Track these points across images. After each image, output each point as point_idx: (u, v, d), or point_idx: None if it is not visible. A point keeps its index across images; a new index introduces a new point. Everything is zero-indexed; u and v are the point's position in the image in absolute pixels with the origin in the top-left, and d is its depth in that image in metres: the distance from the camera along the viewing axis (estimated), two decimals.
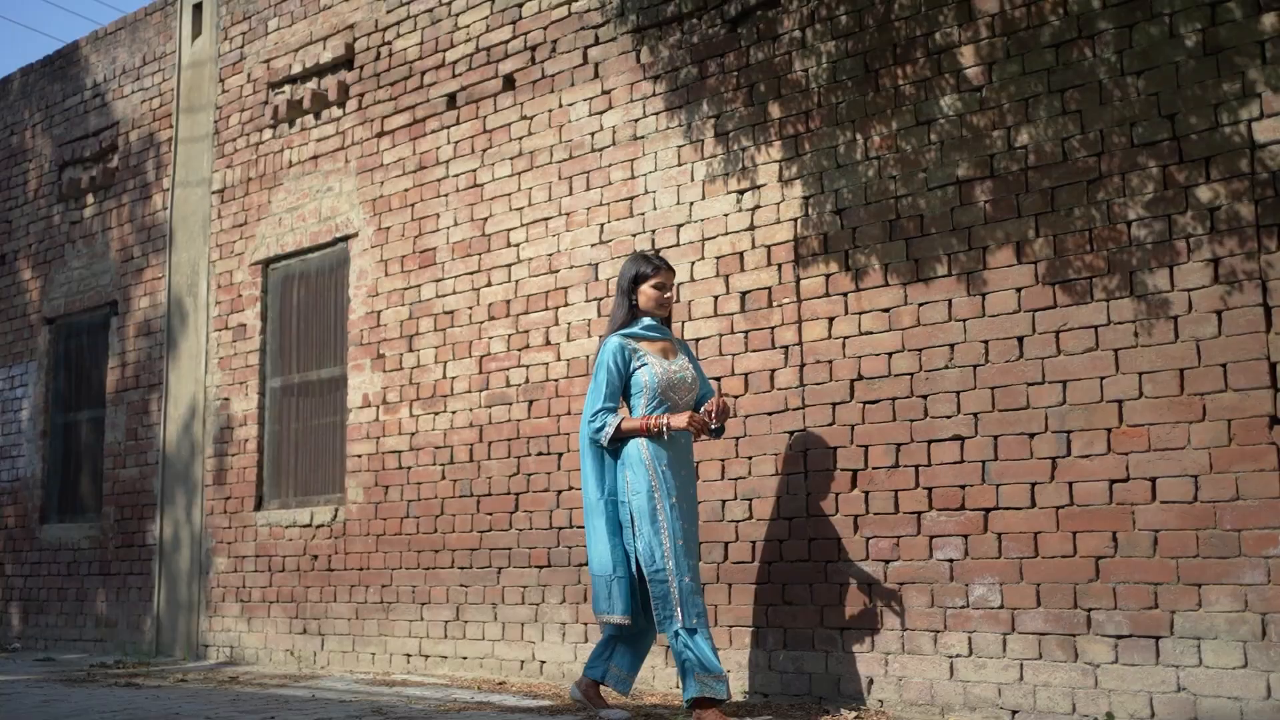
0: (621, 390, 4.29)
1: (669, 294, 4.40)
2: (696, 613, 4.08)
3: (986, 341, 4.38)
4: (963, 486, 4.37)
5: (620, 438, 4.20)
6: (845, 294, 4.76)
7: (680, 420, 4.15)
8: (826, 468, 4.73)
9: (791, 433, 4.85)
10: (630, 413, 4.31)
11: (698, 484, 4.83)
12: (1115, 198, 4.14)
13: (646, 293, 4.37)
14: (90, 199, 8.48)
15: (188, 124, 7.85)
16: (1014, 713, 4.17)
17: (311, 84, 7.04)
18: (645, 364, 4.27)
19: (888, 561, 4.53)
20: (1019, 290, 4.32)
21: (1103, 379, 4.11)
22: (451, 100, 6.31)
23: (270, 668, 6.60)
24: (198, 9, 7.96)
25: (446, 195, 6.26)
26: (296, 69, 7.09)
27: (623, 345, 4.29)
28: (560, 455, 5.59)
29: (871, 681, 4.51)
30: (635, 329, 4.34)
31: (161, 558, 7.48)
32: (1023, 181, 4.36)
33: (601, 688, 4.40)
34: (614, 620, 4.21)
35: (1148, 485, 3.98)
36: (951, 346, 4.46)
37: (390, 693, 5.20)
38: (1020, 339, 4.30)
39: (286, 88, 7.20)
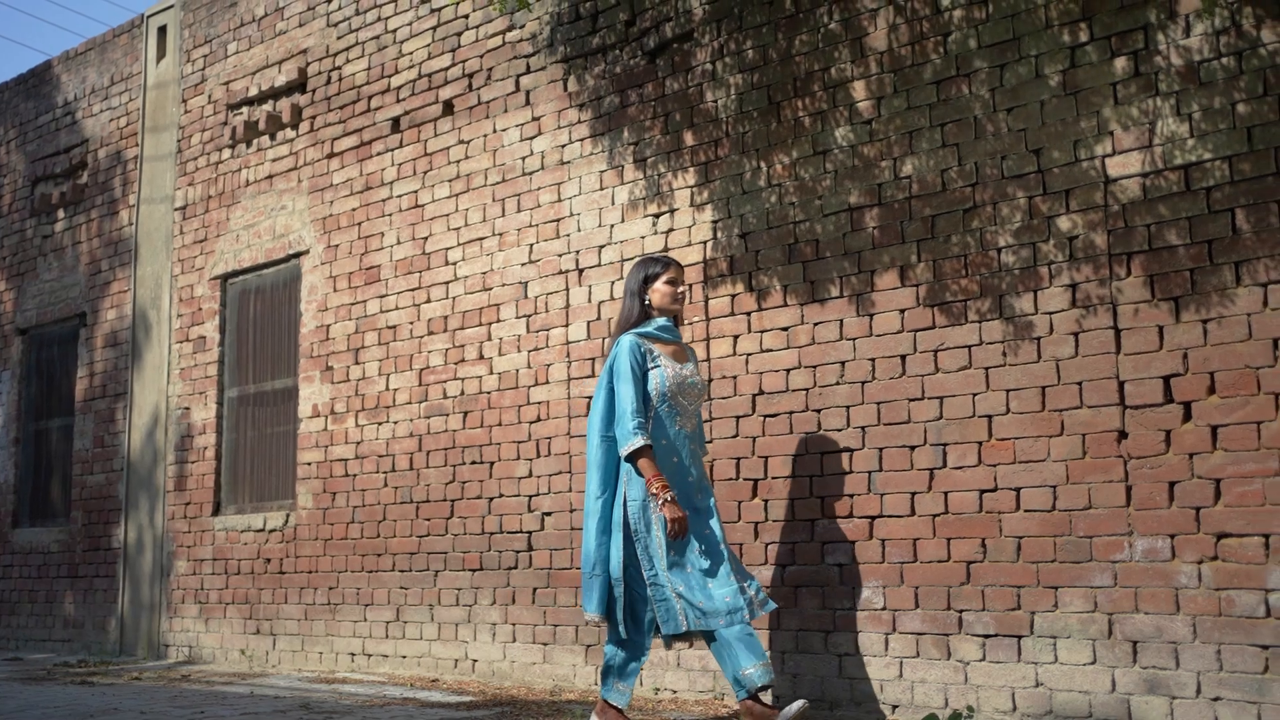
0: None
1: (682, 288, 4.35)
2: (700, 620, 4.01)
3: (873, 359, 4.67)
4: (851, 495, 4.66)
5: (632, 459, 4.09)
6: (749, 313, 5.05)
7: (669, 514, 4.00)
8: (731, 477, 5.02)
9: None
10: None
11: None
12: (987, 226, 4.43)
13: (660, 290, 4.32)
14: (61, 214, 8.78)
15: (152, 143, 8.15)
16: (894, 707, 4.46)
17: (267, 106, 7.33)
18: (658, 365, 4.21)
19: (784, 566, 4.82)
20: (902, 312, 4.61)
21: (975, 395, 4.40)
22: (396, 124, 6.60)
23: (225, 666, 6.89)
24: (162, 32, 8.25)
25: (390, 215, 6.55)
26: (253, 91, 7.38)
27: (638, 344, 4.22)
28: (491, 464, 5.88)
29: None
30: (649, 329, 4.29)
31: (125, 561, 7.78)
32: (907, 209, 4.65)
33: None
34: (588, 617, 4.18)
35: (1013, 495, 4.27)
36: (842, 364, 4.75)
37: (327, 690, 5.50)
38: (903, 357, 4.59)
39: (244, 109, 7.49)
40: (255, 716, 4.48)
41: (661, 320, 4.32)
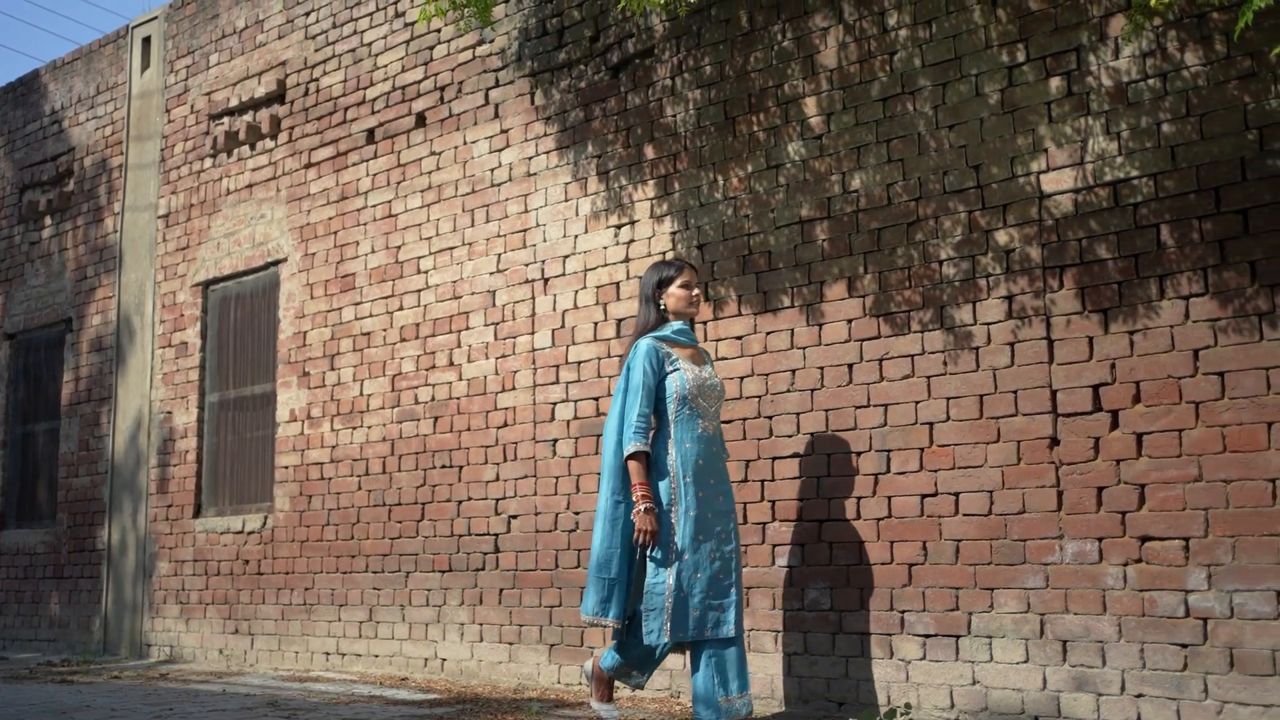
0: (655, 396, 4.22)
1: (697, 291, 4.36)
2: (696, 629, 4.04)
3: (822, 368, 4.82)
4: (800, 500, 4.81)
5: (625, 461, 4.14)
6: (705, 323, 5.20)
7: (639, 523, 4.06)
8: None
9: None
10: (658, 417, 4.22)
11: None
12: (930, 239, 4.58)
13: (675, 294, 4.33)
14: (48, 220, 8.94)
15: (137, 151, 8.30)
16: (839, 704, 4.61)
17: (247, 116, 7.49)
18: (677, 369, 4.22)
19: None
20: (849, 322, 4.77)
21: (917, 403, 4.55)
22: (370, 135, 6.76)
23: (204, 665, 7.05)
24: (146, 42, 8.41)
25: (365, 224, 6.70)
26: (234, 102, 7.53)
27: (656, 348, 4.23)
28: (460, 468, 6.03)
29: None
30: (666, 333, 4.30)
31: (109, 562, 7.93)
32: (855, 222, 4.80)
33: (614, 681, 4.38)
34: (606, 623, 4.16)
35: (952, 499, 4.43)
36: (793, 372, 4.90)
37: (298, 688, 5.65)
38: (850, 366, 4.74)
39: (225, 119, 7.64)
40: (222, 713, 4.63)
41: (678, 324, 4.33)
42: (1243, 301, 3.86)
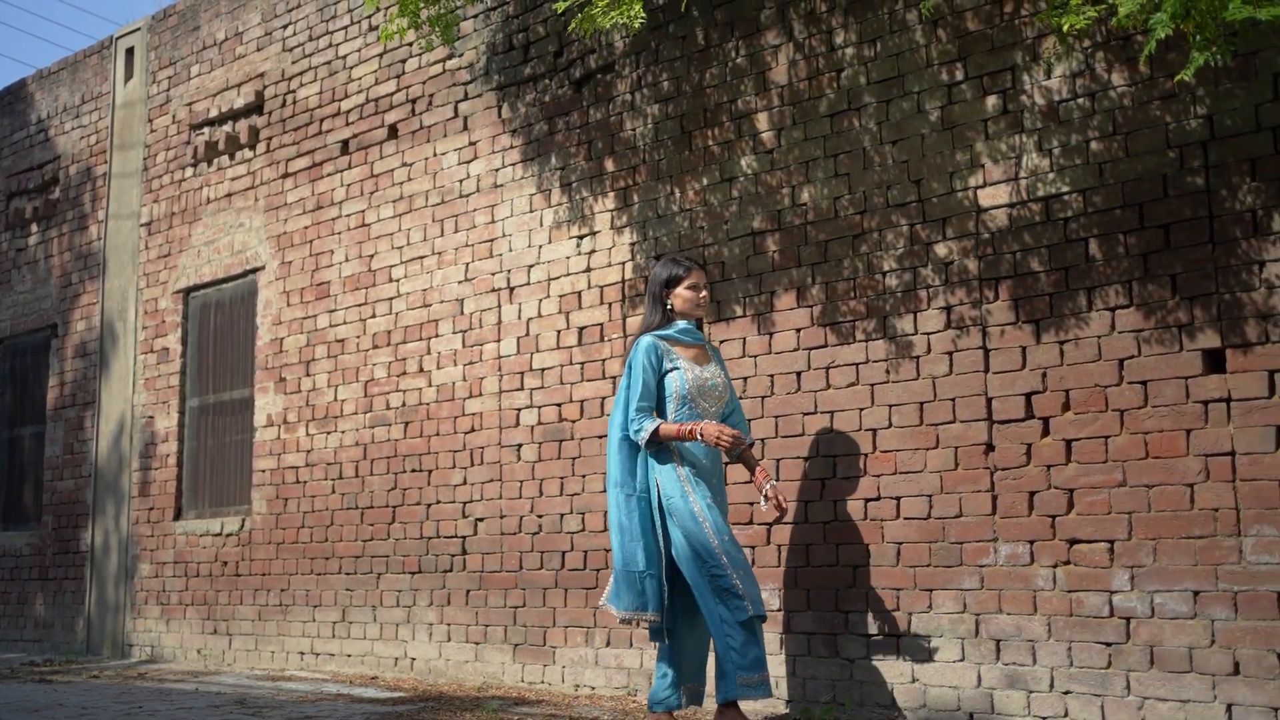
0: (656, 391, 4.26)
1: (704, 294, 4.38)
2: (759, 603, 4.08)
3: (772, 376, 4.97)
4: (751, 503, 4.96)
5: (656, 441, 4.17)
6: None
7: (711, 433, 4.11)
8: None
9: None
10: (660, 416, 4.26)
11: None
12: (874, 251, 4.74)
13: (682, 295, 4.35)
14: (34, 228, 9.09)
15: (120, 160, 8.46)
16: (789, 702, 4.76)
17: (227, 127, 7.64)
18: (677, 368, 4.25)
19: None
20: (798, 331, 4.92)
21: (861, 410, 4.70)
22: (345, 146, 6.91)
23: (183, 665, 7.20)
24: (130, 53, 8.56)
25: (339, 233, 6.86)
26: (214, 113, 7.69)
27: (655, 345, 4.27)
28: (430, 472, 6.19)
29: None
30: (670, 331, 4.33)
31: (93, 564, 8.09)
32: (804, 235, 4.95)
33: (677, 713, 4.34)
34: (646, 618, 4.16)
35: (894, 504, 4.58)
36: (745, 380, 5.05)
37: (270, 687, 5.80)
38: (798, 374, 4.90)
39: (206, 129, 7.80)
40: (190, 711, 4.79)
41: (683, 323, 4.35)
42: (1164, 314, 4.01)
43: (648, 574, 4.16)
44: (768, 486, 4.23)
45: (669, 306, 4.36)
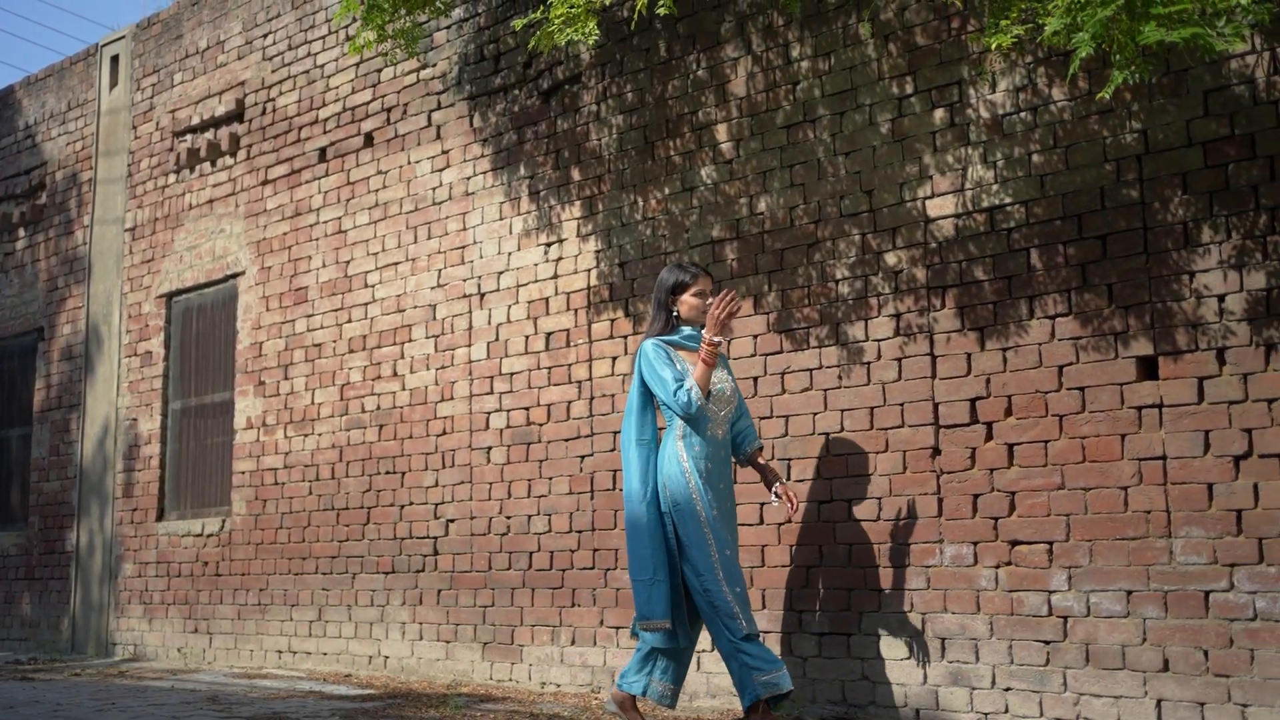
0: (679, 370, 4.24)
1: (711, 301, 4.30)
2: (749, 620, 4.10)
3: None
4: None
5: (705, 390, 4.15)
6: (625, 337, 5.48)
7: (712, 330, 4.13)
8: (608, 488, 5.45)
9: (582, 457, 5.57)
10: (667, 421, 4.28)
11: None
12: (828, 260, 4.86)
13: (688, 302, 4.33)
14: (22, 232, 9.22)
15: (105, 166, 8.58)
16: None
17: (209, 134, 7.76)
18: (684, 372, 4.24)
19: None
20: (755, 337, 5.04)
21: (815, 415, 4.83)
22: (322, 154, 7.03)
23: (164, 663, 7.33)
24: (115, 61, 8.69)
25: (317, 240, 6.98)
26: (196, 120, 7.81)
27: (660, 346, 4.27)
28: (403, 474, 6.32)
29: None
30: (675, 338, 4.33)
31: (77, 564, 8.22)
32: (760, 243, 5.08)
33: (640, 701, 4.34)
34: (654, 625, 4.13)
35: (845, 506, 4.70)
36: None
37: (245, 684, 5.93)
38: (755, 379, 5.02)
39: (188, 136, 7.92)
40: (161, 708, 4.91)
41: (688, 329, 4.34)
42: (1100, 322, 4.14)
43: (655, 580, 4.15)
44: (777, 485, 4.32)
45: (674, 313, 4.35)
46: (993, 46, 3.71)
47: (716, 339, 4.15)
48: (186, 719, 4.58)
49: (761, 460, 4.48)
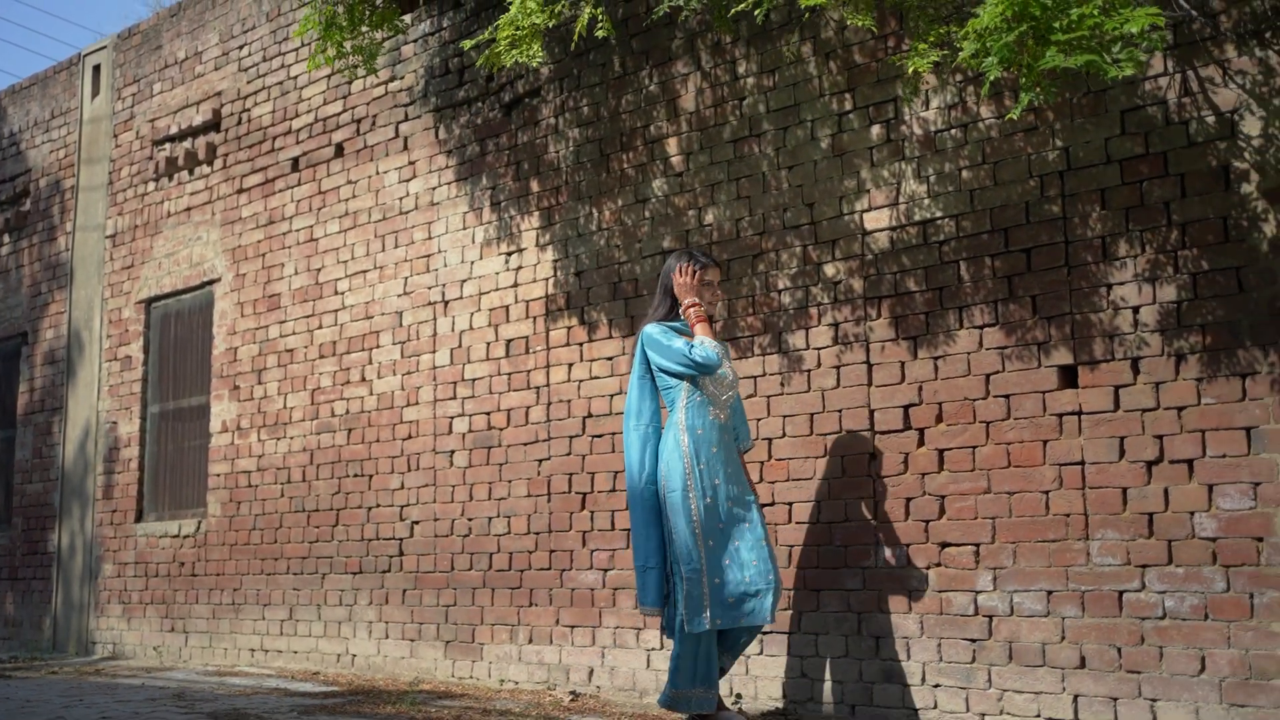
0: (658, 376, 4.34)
1: (716, 291, 4.44)
2: (728, 616, 4.13)
3: None
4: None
5: (708, 341, 4.22)
6: (581, 344, 5.64)
7: (689, 295, 4.30)
8: (564, 491, 5.61)
9: (540, 461, 5.73)
10: (668, 407, 4.32)
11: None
12: (771, 270, 5.02)
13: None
14: (6, 238, 9.38)
15: (87, 174, 8.75)
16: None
17: (186, 143, 7.93)
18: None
19: (606, 570, 5.41)
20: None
21: (758, 420, 4.98)
22: (295, 163, 7.19)
23: (141, 661, 7.49)
24: (97, 70, 8.85)
25: (290, 247, 7.15)
26: (175, 129, 7.97)
27: (665, 327, 4.32)
28: (370, 477, 6.48)
29: (592, 670, 5.39)
30: (678, 324, 4.37)
31: (59, 564, 8.39)
32: (709, 254, 5.23)
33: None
34: (647, 613, 4.27)
35: (787, 508, 4.86)
36: None
37: (215, 682, 6.09)
38: None
39: (167, 145, 8.08)
40: (127, 704, 5.08)
41: None
42: (1024, 332, 4.29)
43: (648, 567, 4.22)
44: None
45: (678, 300, 4.39)
46: (910, 70, 3.86)
47: (693, 298, 4.28)
48: (149, 715, 4.74)
49: (744, 462, 4.55)
